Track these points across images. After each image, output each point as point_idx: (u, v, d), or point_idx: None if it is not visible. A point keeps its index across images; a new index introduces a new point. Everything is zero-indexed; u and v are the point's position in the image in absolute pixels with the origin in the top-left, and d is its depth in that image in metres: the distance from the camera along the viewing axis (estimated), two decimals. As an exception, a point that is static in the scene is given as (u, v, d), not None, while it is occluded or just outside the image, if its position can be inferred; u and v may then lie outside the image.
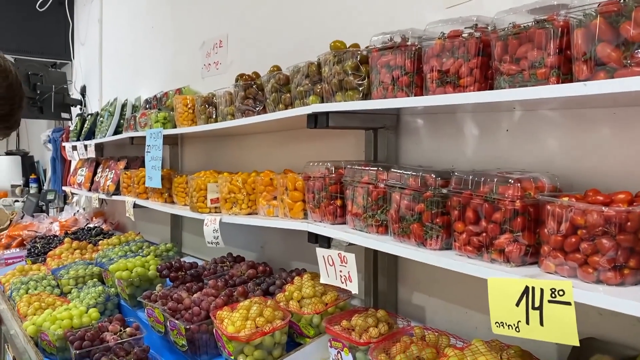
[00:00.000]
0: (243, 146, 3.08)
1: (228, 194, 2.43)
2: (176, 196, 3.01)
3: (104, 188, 3.96)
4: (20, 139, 9.51)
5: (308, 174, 1.96)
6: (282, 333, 1.88)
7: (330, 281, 1.79)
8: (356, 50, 1.80)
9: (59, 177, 5.97)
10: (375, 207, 1.67)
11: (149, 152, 3.17)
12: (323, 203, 1.86)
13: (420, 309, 1.95)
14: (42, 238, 4.20)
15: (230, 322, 1.84)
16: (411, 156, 1.97)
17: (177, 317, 2.05)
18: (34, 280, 3.01)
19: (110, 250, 3.31)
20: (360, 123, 1.91)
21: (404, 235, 1.53)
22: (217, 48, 3.31)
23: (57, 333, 2.39)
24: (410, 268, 1.98)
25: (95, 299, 2.73)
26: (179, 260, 2.62)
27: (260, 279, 2.34)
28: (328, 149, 2.40)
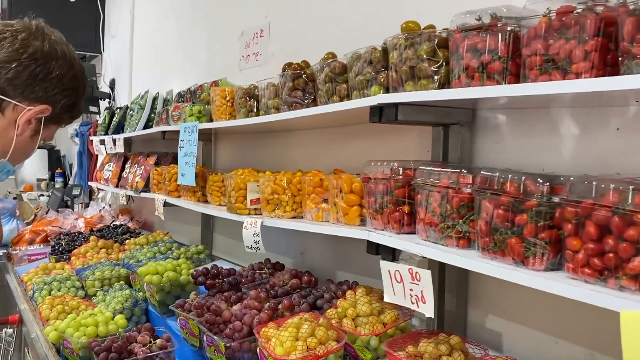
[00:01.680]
0: (285, 143, 2.85)
1: (271, 194, 2.20)
2: (210, 195, 2.79)
3: (132, 184, 3.77)
4: (47, 132, 9.48)
5: (368, 175, 1.71)
6: (336, 357, 1.63)
7: (396, 300, 1.54)
8: (433, 32, 1.55)
9: (85, 172, 5.83)
10: (456, 216, 1.41)
11: (182, 148, 2.96)
12: (387, 209, 1.61)
13: (496, 334, 1.68)
14: (66, 235, 4.03)
15: (278, 342, 1.61)
16: (488, 157, 1.71)
17: (214, 331, 1.82)
18: (57, 281, 2.83)
19: (138, 251, 3.11)
20: (432, 117, 1.66)
21: (496, 251, 1.28)
22: (257, 38, 3.08)
23: (81, 341, 2.19)
24: (485, 286, 1.72)
25: (122, 304, 2.53)
26: (216, 265, 2.40)
27: (305, 290, 2.10)
28: (384, 147, 2.15)
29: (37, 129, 1.30)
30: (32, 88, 1.23)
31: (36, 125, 1.29)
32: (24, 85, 1.22)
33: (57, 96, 1.27)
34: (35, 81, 1.23)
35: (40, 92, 1.24)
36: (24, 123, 1.26)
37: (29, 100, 1.24)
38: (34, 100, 1.24)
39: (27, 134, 1.29)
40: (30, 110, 1.25)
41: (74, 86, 1.31)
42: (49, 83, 1.25)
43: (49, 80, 1.24)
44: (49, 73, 1.24)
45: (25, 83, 1.22)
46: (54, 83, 1.26)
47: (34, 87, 1.23)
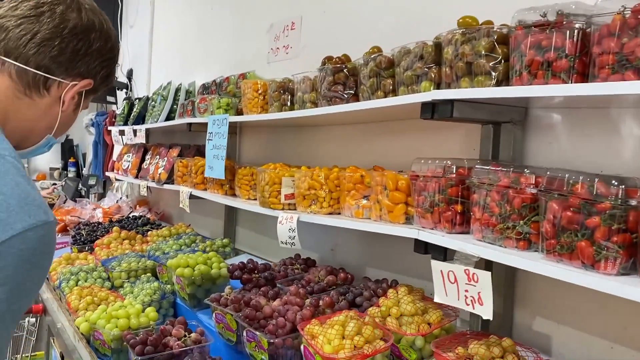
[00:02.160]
0: (313, 137, 2.83)
1: (307, 190, 2.17)
2: (239, 189, 2.77)
3: (154, 176, 3.75)
4: (59, 121, 9.47)
5: (416, 173, 1.68)
6: (383, 356, 1.61)
7: (448, 301, 1.51)
8: (492, 28, 1.52)
9: (101, 161, 5.81)
10: (517, 217, 1.38)
11: (210, 140, 2.93)
12: (439, 208, 1.58)
13: (545, 337, 1.66)
14: (86, 225, 4.02)
15: (325, 340, 1.58)
16: (540, 156, 1.68)
17: (255, 326, 1.80)
18: (84, 272, 2.81)
19: (164, 243, 3.09)
20: (486, 115, 1.62)
21: (562, 253, 1.25)
22: (287, 31, 3.05)
23: (113, 333, 2.17)
24: (533, 287, 1.70)
25: (151, 296, 2.52)
26: (252, 260, 2.38)
27: (342, 287, 2.08)
28: (425, 144, 2.12)
29: (79, 102, 1.32)
30: (75, 64, 1.23)
31: (78, 99, 1.30)
32: (67, 61, 1.22)
33: (97, 68, 1.27)
34: (78, 56, 1.22)
35: (82, 67, 1.24)
36: (69, 99, 1.26)
37: (72, 76, 1.24)
38: (77, 75, 1.25)
39: (70, 108, 1.30)
40: (75, 85, 1.25)
41: (111, 56, 1.31)
42: (90, 57, 1.25)
43: (90, 54, 1.24)
44: (90, 47, 1.24)
45: (69, 59, 1.22)
46: (95, 56, 1.26)
47: (76, 62, 1.23)
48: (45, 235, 1.01)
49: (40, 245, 1.00)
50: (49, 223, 1.02)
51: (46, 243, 1.02)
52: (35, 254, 1.00)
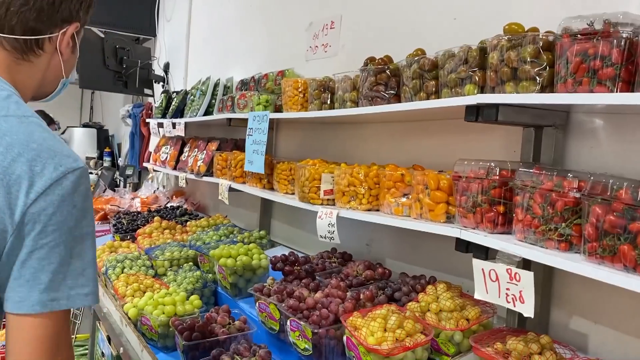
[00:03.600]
0: (351, 135, 2.89)
1: (347, 186, 2.24)
2: (278, 183, 2.85)
3: (192, 168, 3.87)
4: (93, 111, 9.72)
5: (459, 174, 1.74)
6: (424, 349, 1.68)
7: (489, 298, 1.57)
8: (537, 35, 1.56)
9: (137, 152, 5.98)
10: (559, 219, 1.43)
11: (250, 136, 3.03)
12: (481, 208, 1.64)
13: (581, 336, 1.70)
14: (126, 214, 4.17)
15: (368, 332, 1.66)
16: (581, 161, 1.72)
17: (298, 316, 1.89)
18: (129, 260, 2.94)
19: (204, 233, 3.21)
20: (529, 119, 1.67)
21: (604, 256, 1.30)
22: (327, 29, 3.11)
23: (160, 319, 2.28)
24: (570, 288, 1.74)
25: (193, 285, 2.63)
26: (293, 253, 2.47)
27: (380, 282, 2.15)
28: (464, 145, 2.17)
29: (75, 42, 1.36)
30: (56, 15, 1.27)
31: (73, 41, 1.35)
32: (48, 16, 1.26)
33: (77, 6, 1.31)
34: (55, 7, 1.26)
35: (65, 14, 1.28)
36: (65, 46, 1.32)
37: (59, 26, 1.28)
38: (63, 23, 1.29)
39: (69, 51, 1.35)
40: (65, 33, 1.30)
41: None
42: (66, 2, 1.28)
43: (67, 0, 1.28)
44: None
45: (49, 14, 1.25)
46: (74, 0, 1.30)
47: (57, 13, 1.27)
48: (79, 178, 1.13)
49: (77, 188, 1.12)
50: (79, 169, 1.13)
51: (82, 185, 1.13)
52: (75, 197, 1.11)
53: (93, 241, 1.18)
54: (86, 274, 1.14)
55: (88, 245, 1.15)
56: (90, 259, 1.16)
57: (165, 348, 2.31)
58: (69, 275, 1.11)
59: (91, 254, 1.16)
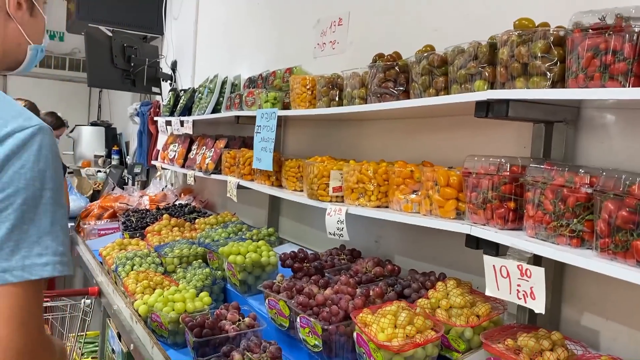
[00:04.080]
0: (359, 132, 2.89)
1: (356, 183, 2.24)
2: (286, 180, 2.86)
3: (201, 166, 3.88)
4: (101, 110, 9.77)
5: (469, 170, 1.74)
6: (434, 346, 1.68)
7: (500, 295, 1.57)
8: (548, 30, 1.55)
9: (145, 150, 6.00)
10: (571, 215, 1.43)
11: (258, 133, 3.03)
12: (492, 204, 1.64)
13: (593, 332, 1.70)
14: (135, 212, 4.19)
15: (379, 329, 1.66)
16: (592, 156, 1.71)
17: (308, 313, 1.89)
18: (138, 257, 2.96)
19: (213, 231, 3.22)
20: (539, 115, 1.66)
21: (617, 252, 1.29)
22: (335, 26, 3.11)
23: (170, 316, 2.30)
24: (581, 284, 1.74)
25: (203, 282, 2.64)
26: (302, 250, 2.47)
27: (389, 279, 2.15)
28: (473, 141, 2.16)
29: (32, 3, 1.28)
30: None
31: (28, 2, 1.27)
32: None
33: None
34: None
35: None
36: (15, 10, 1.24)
37: None
38: None
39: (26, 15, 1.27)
40: None
41: None
42: None
43: None
44: None
45: None
46: None
47: None
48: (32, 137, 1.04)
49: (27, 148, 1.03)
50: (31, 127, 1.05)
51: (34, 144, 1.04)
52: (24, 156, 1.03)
53: (56, 207, 1.07)
54: (42, 242, 1.03)
55: (46, 211, 1.05)
56: (47, 226, 1.05)
57: (175, 345, 2.32)
58: (22, 245, 1.01)
59: (49, 220, 1.05)
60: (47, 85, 9.11)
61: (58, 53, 9.33)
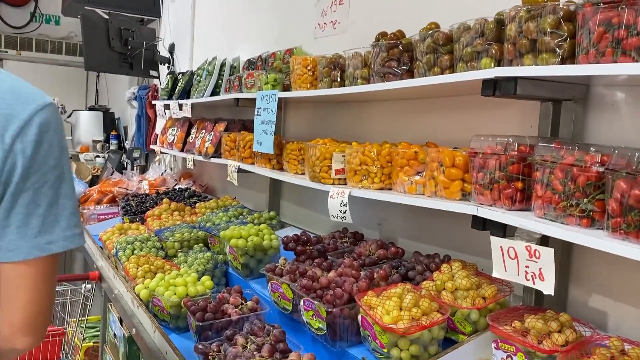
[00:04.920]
0: (361, 113, 2.85)
1: (359, 165, 2.21)
2: (287, 163, 2.82)
3: (200, 150, 3.84)
4: (99, 94, 9.68)
5: (475, 150, 1.70)
6: (440, 328, 1.66)
7: (507, 276, 1.54)
8: (557, 5, 1.51)
9: (144, 135, 5.95)
10: (581, 195, 1.39)
11: (259, 115, 2.99)
12: (499, 185, 1.60)
13: (600, 314, 1.68)
14: (134, 196, 4.16)
15: (384, 311, 1.64)
16: (602, 135, 1.67)
17: (312, 296, 1.87)
18: (139, 241, 2.93)
19: (214, 215, 3.19)
20: (548, 93, 1.62)
21: (629, 232, 1.26)
22: (335, 6, 3.05)
23: (172, 300, 2.28)
24: (589, 265, 1.71)
25: (204, 266, 2.62)
26: (305, 232, 2.45)
27: (393, 261, 2.13)
28: (478, 122, 2.13)
29: None
30: None
31: None
32: None
33: None
34: None
35: None
36: None
37: None
38: None
39: None
40: None
41: None
42: None
43: None
44: None
45: None
46: None
47: None
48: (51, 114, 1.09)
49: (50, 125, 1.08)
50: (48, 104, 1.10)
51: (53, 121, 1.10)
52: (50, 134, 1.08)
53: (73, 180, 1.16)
54: (77, 213, 1.13)
55: (71, 183, 1.14)
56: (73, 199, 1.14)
57: (177, 329, 2.30)
58: (61, 216, 1.10)
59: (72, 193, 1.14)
60: (44, 70, 9.00)
61: (54, 37, 9.21)
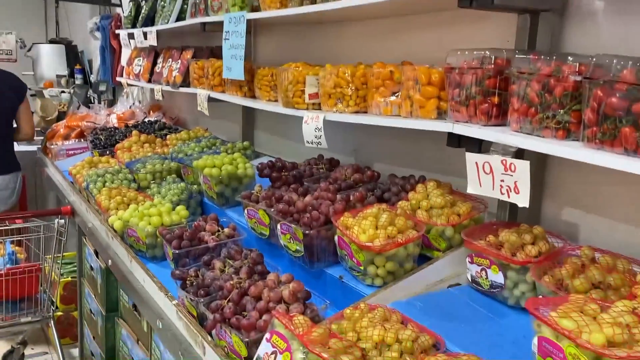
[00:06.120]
0: (336, 35, 2.75)
1: (333, 88, 2.14)
2: (259, 90, 2.74)
3: (168, 79, 3.70)
4: (60, 26, 9.20)
5: (451, 65, 1.65)
6: (415, 245, 1.68)
7: (482, 191, 1.54)
8: None
9: (109, 67, 5.72)
10: (557, 106, 1.37)
11: (227, 40, 2.86)
12: (475, 100, 1.57)
13: (573, 226, 1.71)
14: (103, 130, 4.04)
15: (360, 230, 1.64)
16: (580, 47, 1.63)
17: (289, 219, 1.86)
18: (110, 173, 2.87)
19: (186, 145, 3.12)
20: (526, 3, 1.57)
21: (604, 141, 1.25)
22: None
23: (147, 230, 2.25)
24: (563, 178, 1.73)
25: (179, 196, 2.58)
26: (280, 159, 2.41)
27: (369, 184, 2.12)
28: (455, 38, 2.07)
29: None
30: None
31: None
32: None
33: None
34: None
35: None
36: None
37: None
38: None
39: None
40: None
41: None
42: None
43: None
44: None
45: None
46: None
47: None
48: None
49: None
50: None
51: None
52: None
53: None
54: None
55: None
56: None
57: (154, 258, 2.30)
58: None
59: None
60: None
61: (5, -36, 8.61)
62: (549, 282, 1.40)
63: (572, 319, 1.10)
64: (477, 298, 1.60)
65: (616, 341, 1.04)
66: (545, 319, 1.13)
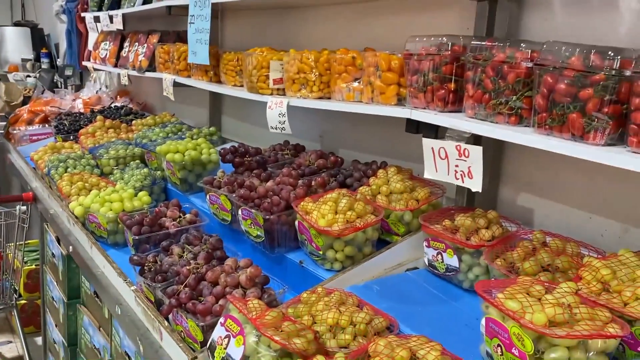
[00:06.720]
0: (301, 21, 2.73)
1: (297, 73, 2.13)
2: (225, 75, 2.71)
3: (134, 64, 3.63)
4: (25, 9, 8.94)
5: (410, 52, 1.66)
6: (374, 229, 1.70)
7: (438, 176, 1.56)
8: None
9: (76, 51, 5.58)
10: (510, 92, 1.39)
11: (192, 24, 2.82)
12: (432, 86, 1.58)
13: (528, 211, 1.75)
14: (67, 115, 3.95)
15: (319, 215, 1.65)
16: (536, 34, 1.66)
17: (250, 205, 1.86)
18: (72, 159, 2.81)
19: (150, 131, 3.08)
20: (484, -10, 1.58)
21: (553, 126, 1.28)
22: None
23: (108, 216, 2.22)
24: (520, 164, 1.76)
25: (142, 182, 2.55)
26: (243, 144, 2.39)
27: (332, 170, 2.12)
28: (416, 25, 2.07)
29: None
30: None
31: None
32: None
33: None
34: None
35: None
36: None
37: None
38: None
39: None
40: None
41: None
42: None
43: None
44: None
45: None
46: None
47: None
48: None
49: None
50: None
51: None
52: None
53: None
54: None
55: None
56: None
57: (115, 245, 2.27)
58: None
59: None
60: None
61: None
62: (500, 265, 1.43)
63: (517, 300, 1.12)
64: (433, 281, 1.63)
65: (557, 321, 1.07)
66: (492, 300, 1.16)
